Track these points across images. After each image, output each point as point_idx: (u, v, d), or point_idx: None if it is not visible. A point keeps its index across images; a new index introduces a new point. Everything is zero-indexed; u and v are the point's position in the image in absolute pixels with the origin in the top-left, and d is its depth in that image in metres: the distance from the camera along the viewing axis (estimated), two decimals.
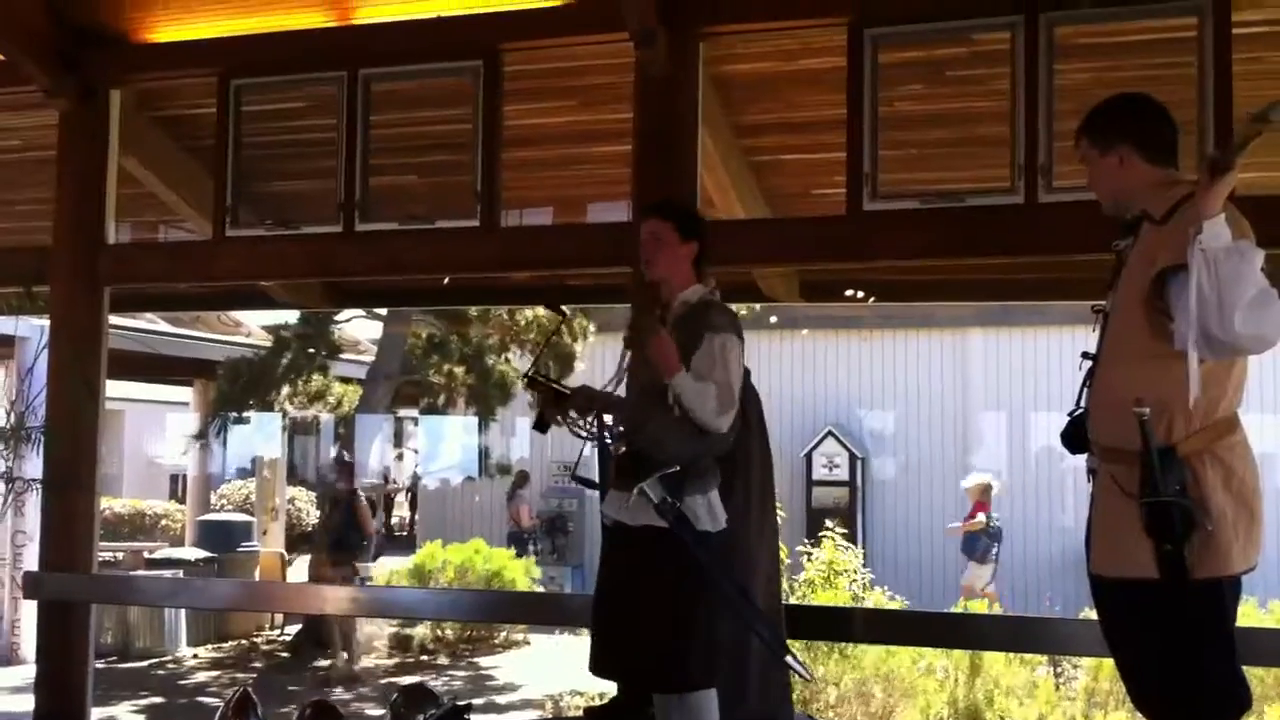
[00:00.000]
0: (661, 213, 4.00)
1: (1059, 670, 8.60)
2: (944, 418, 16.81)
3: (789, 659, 3.89)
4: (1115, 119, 3.15)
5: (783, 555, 9.01)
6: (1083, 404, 3.15)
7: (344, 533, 12.07)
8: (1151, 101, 3.17)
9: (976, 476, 13.23)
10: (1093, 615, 3.30)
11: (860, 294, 7.42)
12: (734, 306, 4.22)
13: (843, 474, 16.84)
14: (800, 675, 4.11)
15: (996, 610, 10.66)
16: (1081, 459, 3.20)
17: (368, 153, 5.44)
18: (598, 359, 12.84)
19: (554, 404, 4.08)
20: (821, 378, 17.29)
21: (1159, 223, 2.93)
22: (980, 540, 12.51)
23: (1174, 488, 2.79)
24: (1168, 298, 2.83)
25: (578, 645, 11.35)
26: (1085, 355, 3.15)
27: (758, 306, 11.34)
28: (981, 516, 12.59)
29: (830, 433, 16.87)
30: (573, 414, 4.07)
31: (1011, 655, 7.92)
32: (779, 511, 4.58)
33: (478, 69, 5.22)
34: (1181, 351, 2.75)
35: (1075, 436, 3.18)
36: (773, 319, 15.62)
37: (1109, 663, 7.14)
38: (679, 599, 3.69)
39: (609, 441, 3.88)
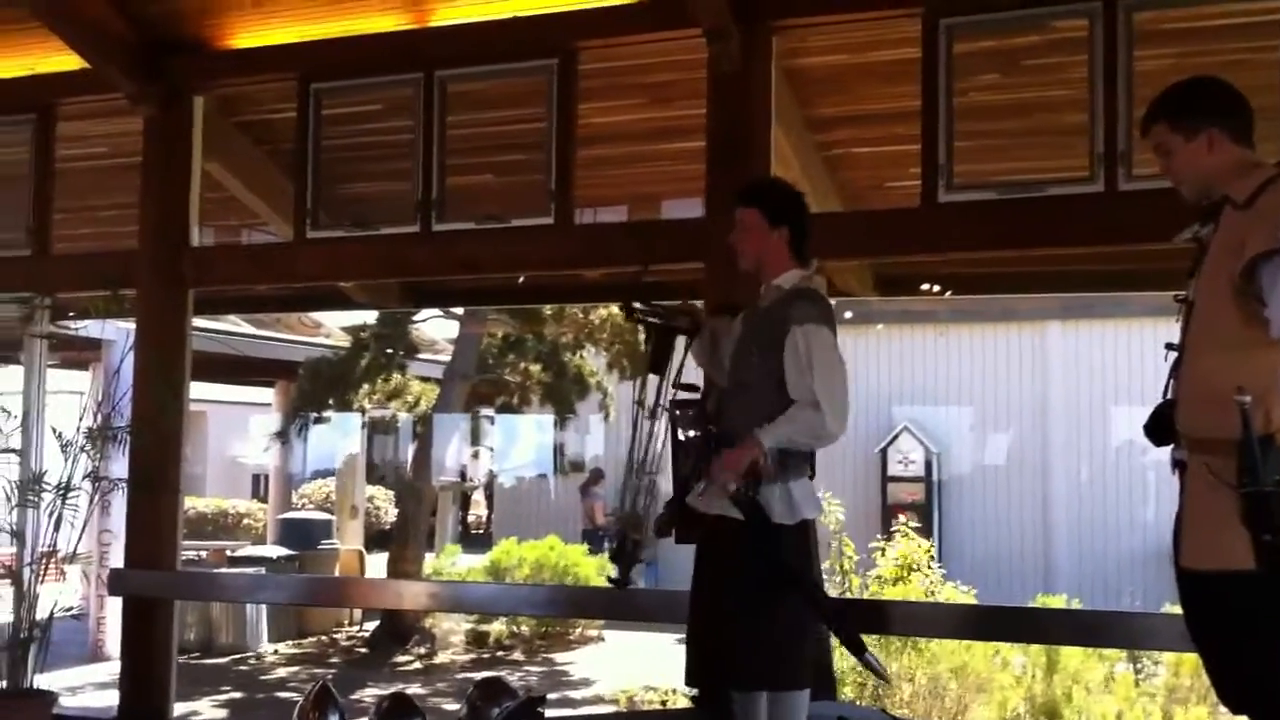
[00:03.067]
0: (747, 199, 3.86)
1: (1139, 666, 8.47)
2: (1022, 413, 16.60)
3: (867, 656, 3.74)
4: (1200, 101, 3.07)
5: (850, 550, 9.04)
6: (1169, 395, 3.10)
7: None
8: (1226, 82, 3.11)
9: None
10: (1175, 610, 3.25)
11: (936, 288, 7.36)
12: None
13: (918, 470, 16.70)
14: (878, 675, 4.04)
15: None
16: (1164, 452, 3.15)
17: (444, 153, 5.50)
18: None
19: (663, 339, 3.94)
20: (897, 373, 17.15)
21: (1242, 207, 2.88)
22: None
23: (1274, 477, 2.73)
24: (1259, 284, 2.78)
25: (652, 642, 11.38)
26: (1170, 346, 3.10)
27: (832, 301, 11.27)
28: None
29: (906, 429, 16.73)
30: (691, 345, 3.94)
31: (1090, 650, 7.82)
32: (839, 509, 4.53)
33: (552, 68, 5.26)
34: (1276, 339, 2.70)
35: (1160, 428, 3.12)
36: (847, 314, 15.49)
37: (1190, 658, 7.07)
38: (758, 595, 3.60)
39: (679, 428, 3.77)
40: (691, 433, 3.80)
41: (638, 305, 4.03)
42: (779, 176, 4.53)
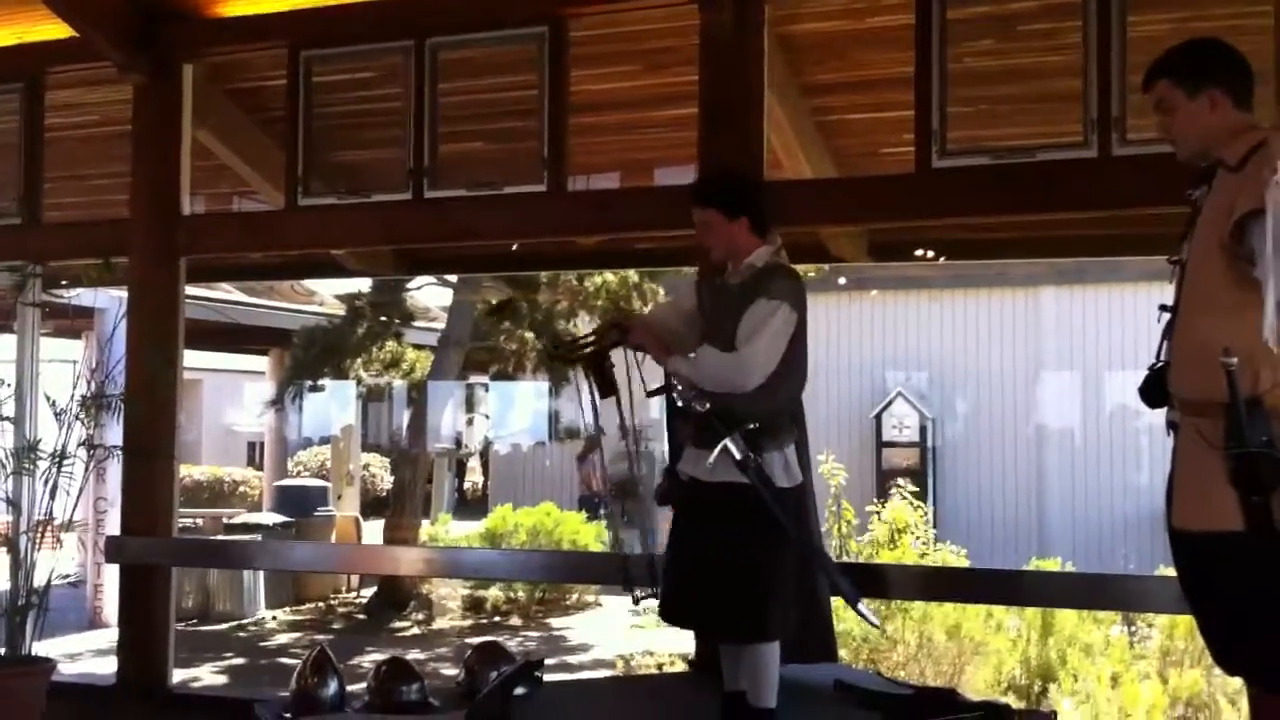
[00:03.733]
0: (702, 199, 4.05)
1: (1133, 629, 8.53)
2: (1016, 377, 16.63)
3: (860, 607, 3.96)
4: (1205, 61, 3.07)
5: (850, 515, 9.08)
6: (1163, 357, 3.11)
7: None
8: (1231, 45, 3.11)
9: None
10: (1169, 572, 3.27)
11: (930, 253, 7.37)
12: (802, 268, 4.24)
13: (913, 435, 16.73)
14: (871, 624, 4.18)
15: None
16: (1159, 415, 3.17)
17: (436, 120, 5.47)
18: None
19: (600, 364, 4.08)
20: (891, 339, 17.17)
21: (1234, 169, 2.89)
22: None
23: (1260, 439, 2.75)
24: (1249, 244, 2.79)
25: (649, 607, 11.42)
26: (1163, 308, 3.11)
27: (826, 268, 11.25)
28: None
29: (900, 394, 16.76)
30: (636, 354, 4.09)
31: (1084, 613, 7.87)
32: (840, 473, 4.64)
33: (543, 35, 5.22)
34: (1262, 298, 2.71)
35: (1154, 390, 3.14)
36: (841, 280, 15.54)
37: (1185, 620, 7.12)
38: (755, 553, 3.79)
39: (677, 398, 3.88)
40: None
41: (556, 349, 4.31)
42: (725, 170, 4.62)
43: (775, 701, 3.84)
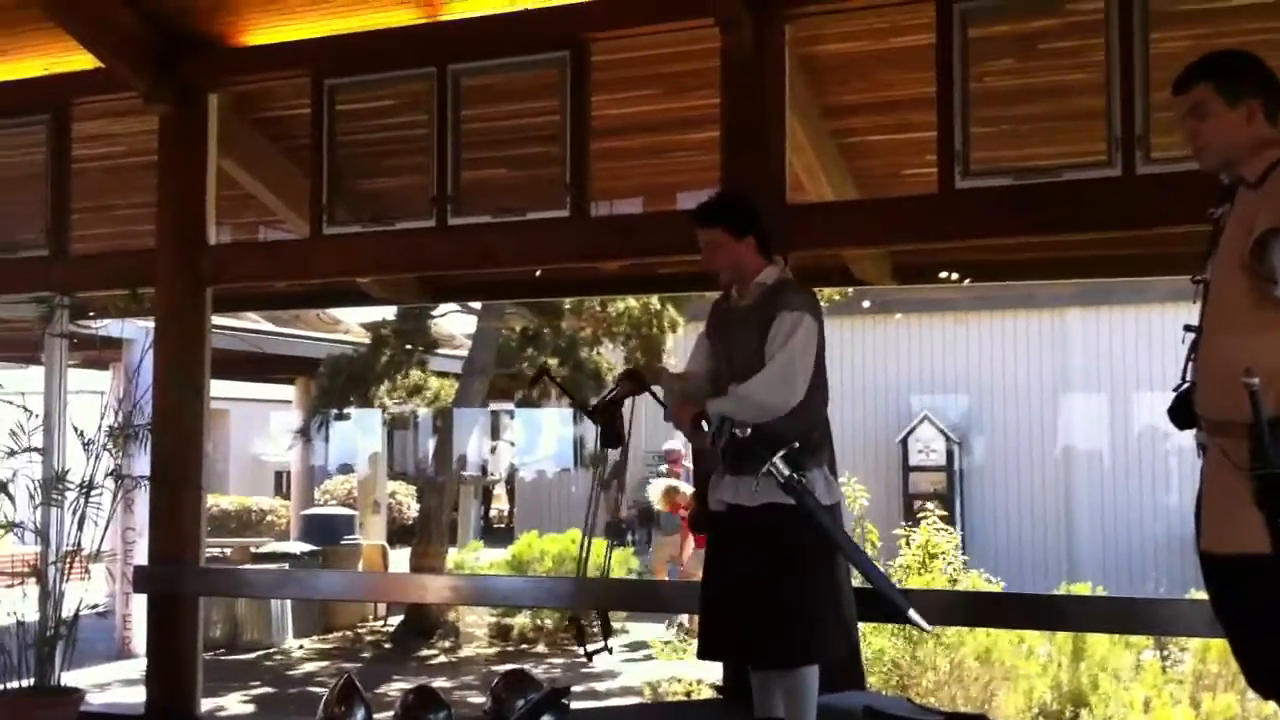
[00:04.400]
0: (708, 221, 4.06)
1: (1165, 653, 8.43)
2: (1043, 400, 16.51)
3: (912, 613, 3.93)
4: (1248, 71, 3.03)
5: (874, 538, 9.02)
6: (1189, 377, 3.08)
7: None
8: (1264, 61, 3.08)
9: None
10: (1200, 595, 3.23)
11: (954, 275, 7.33)
12: (826, 291, 4.24)
13: (939, 459, 16.61)
14: (923, 629, 4.15)
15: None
16: (1188, 436, 3.13)
17: (459, 147, 5.49)
18: (685, 351, 12.81)
19: (611, 416, 4.13)
20: (916, 362, 17.08)
21: (1254, 186, 2.86)
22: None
23: None
24: (1269, 262, 2.76)
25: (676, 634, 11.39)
26: (1188, 328, 3.08)
27: (850, 291, 11.21)
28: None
29: (926, 418, 16.66)
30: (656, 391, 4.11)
31: (1116, 638, 7.79)
32: (864, 495, 4.65)
33: (564, 60, 5.25)
34: None
35: (1182, 412, 3.11)
36: (865, 303, 15.48)
37: (1217, 644, 7.04)
38: (808, 572, 3.79)
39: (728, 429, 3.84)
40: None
41: (591, 405, 4.26)
42: (727, 191, 4.65)
43: None
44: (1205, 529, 2.99)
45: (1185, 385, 3.09)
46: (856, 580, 4.07)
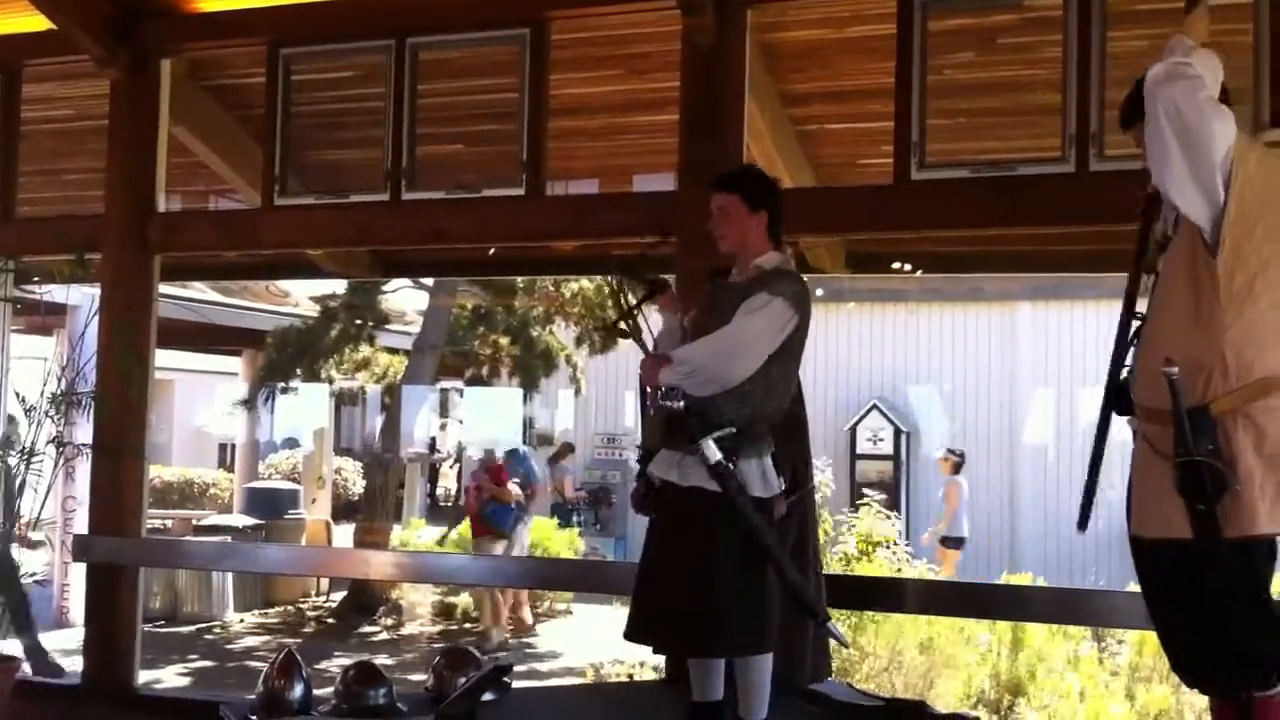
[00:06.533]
0: (728, 185, 3.94)
1: (1103, 645, 8.55)
2: (991, 392, 16.67)
3: (829, 625, 3.89)
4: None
5: (827, 527, 9.06)
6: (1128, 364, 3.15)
7: None
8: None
9: None
10: (1138, 589, 3.28)
11: (907, 266, 7.38)
12: None
13: (887, 448, 16.74)
14: (839, 641, 4.11)
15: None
16: (1131, 435, 3.19)
17: (415, 122, 5.44)
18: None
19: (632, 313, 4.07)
20: (867, 351, 17.18)
21: None
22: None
23: (1206, 447, 2.76)
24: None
25: (620, 615, 11.38)
26: (1138, 316, 3.14)
27: (804, 278, 11.27)
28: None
29: (875, 406, 16.77)
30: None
31: (1055, 628, 7.89)
32: (828, 484, 4.60)
33: (524, 37, 5.21)
34: (1218, 308, 2.78)
35: (1122, 399, 3.17)
36: (819, 292, 15.52)
37: (1154, 637, 7.10)
38: (723, 566, 3.67)
39: (663, 398, 3.78)
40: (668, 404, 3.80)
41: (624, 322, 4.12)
42: (753, 163, 4.56)
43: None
44: (1134, 513, 3.06)
45: (1129, 371, 3.14)
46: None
